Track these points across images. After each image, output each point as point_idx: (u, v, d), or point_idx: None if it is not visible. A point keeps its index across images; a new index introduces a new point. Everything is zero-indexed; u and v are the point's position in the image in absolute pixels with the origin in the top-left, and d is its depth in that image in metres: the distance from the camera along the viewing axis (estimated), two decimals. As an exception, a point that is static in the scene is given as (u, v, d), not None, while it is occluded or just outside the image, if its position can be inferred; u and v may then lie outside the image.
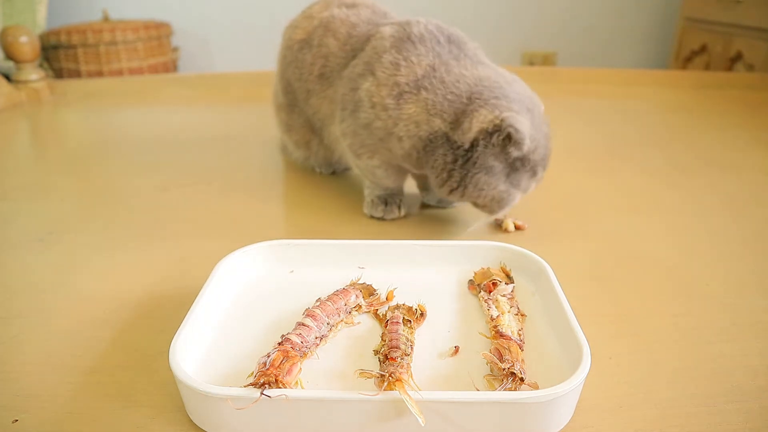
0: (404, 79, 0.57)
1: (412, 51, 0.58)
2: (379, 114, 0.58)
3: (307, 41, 0.69)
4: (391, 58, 0.58)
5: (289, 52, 0.72)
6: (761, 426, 0.35)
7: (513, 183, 0.56)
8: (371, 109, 0.58)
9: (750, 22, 1.64)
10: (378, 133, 0.59)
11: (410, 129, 0.56)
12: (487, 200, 0.56)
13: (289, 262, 0.50)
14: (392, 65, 0.58)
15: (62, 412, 0.36)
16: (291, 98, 0.73)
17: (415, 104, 0.56)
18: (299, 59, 0.70)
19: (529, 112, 0.55)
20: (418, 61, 0.57)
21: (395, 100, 0.57)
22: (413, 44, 0.58)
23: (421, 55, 0.58)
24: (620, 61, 2.34)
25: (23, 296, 0.50)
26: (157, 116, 1.21)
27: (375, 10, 0.70)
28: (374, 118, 0.58)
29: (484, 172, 0.55)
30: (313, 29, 0.69)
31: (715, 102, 1.24)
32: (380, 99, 0.57)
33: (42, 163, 0.91)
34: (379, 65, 0.58)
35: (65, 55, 1.89)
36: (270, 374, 0.33)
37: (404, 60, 0.58)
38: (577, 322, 0.38)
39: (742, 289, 0.51)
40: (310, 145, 0.76)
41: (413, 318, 0.42)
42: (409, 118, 0.56)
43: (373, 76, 0.59)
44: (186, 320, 0.38)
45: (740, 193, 0.73)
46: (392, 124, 0.57)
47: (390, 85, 0.57)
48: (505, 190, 0.56)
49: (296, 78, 0.71)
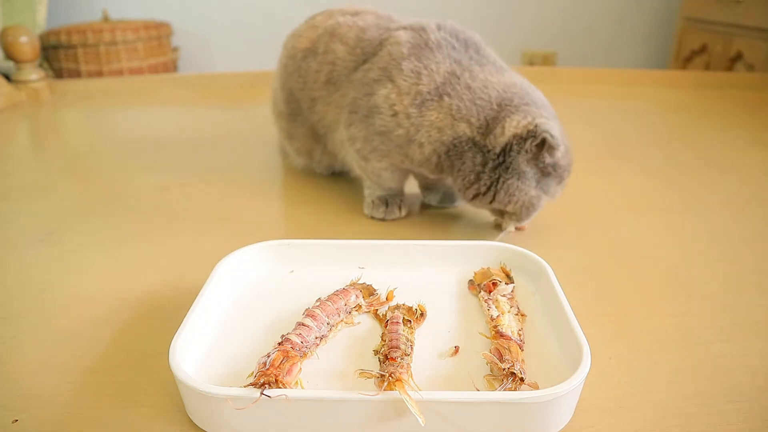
0: (425, 87, 0.57)
1: (432, 59, 0.58)
2: (402, 122, 0.58)
3: (312, 49, 0.69)
4: (411, 66, 0.58)
5: (291, 61, 0.71)
6: (761, 426, 0.35)
7: (543, 189, 0.56)
8: (392, 117, 0.58)
9: (750, 22, 1.64)
10: (397, 140, 0.59)
11: (432, 135, 0.57)
12: (518, 206, 0.56)
13: (289, 262, 0.50)
14: (413, 73, 0.58)
15: (62, 412, 0.36)
16: (293, 107, 0.73)
17: (438, 111, 0.56)
18: (303, 68, 0.69)
19: (555, 118, 0.56)
20: (437, 68, 0.58)
21: (418, 108, 0.57)
22: (431, 51, 0.59)
23: (440, 62, 0.58)
24: (620, 61, 2.34)
25: (23, 296, 0.50)
26: (157, 116, 1.21)
27: (379, 15, 0.70)
28: (395, 126, 0.58)
29: (516, 177, 0.55)
30: (317, 37, 0.69)
31: (715, 102, 1.24)
32: (403, 108, 0.57)
33: (42, 163, 0.91)
34: (399, 72, 0.58)
35: (65, 55, 1.89)
36: (270, 374, 0.33)
37: (425, 68, 0.58)
38: (577, 322, 0.38)
39: (742, 289, 0.51)
40: (313, 153, 0.75)
41: (413, 318, 0.42)
42: (431, 124, 0.56)
43: (393, 83, 0.58)
44: (186, 320, 0.38)
45: (740, 193, 0.73)
46: (414, 131, 0.57)
47: (413, 94, 0.57)
48: (535, 196, 0.56)
49: (299, 87, 0.70)
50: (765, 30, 1.58)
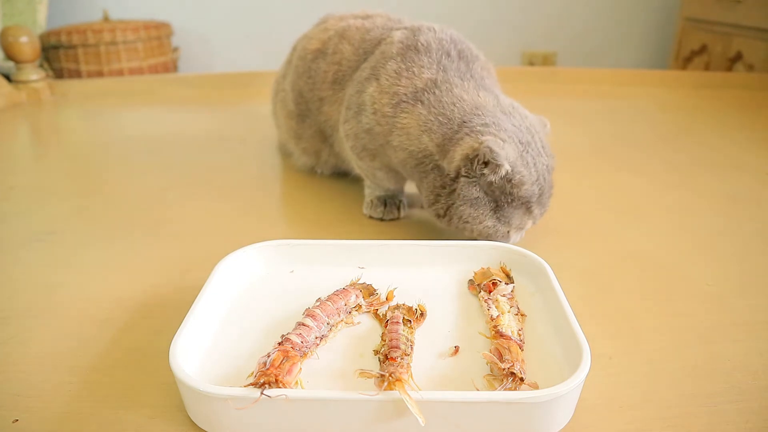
0: (404, 89, 0.57)
1: (416, 61, 0.58)
2: (379, 120, 0.58)
3: (322, 50, 0.69)
4: (395, 66, 0.58)
5: (302, 62, 0.72)
6: (761, 426, 0.35)
7: (501, 219, 0.53)
8: (373, 115, 0.59)
9: (750, 22, 1.64)
10: (378, 139, 0.59)
11: (402, 140, 0.56)
12: (474, 234, 0.54)
13: (289, 262, 0.50)
14: (395, 74, 0.58)
15: (62, 412, 0.36)
16: (302, 108, 0.73)
17: (410, 116, 0.56)
18: (313, 69, 0.70)
19: (522, 144, 0.52)
20: (419, 72, 0.57)
21: (393, 109, 0.57)
22: (418, 53, 0.58)
23: (424, 66, 0.57)
24: (620, 61, 2.34)
25: (23, 296, 0.50)
26: (157, 116, 1.21)
27: (390, 17, 0.70)
28: (375, 124, 0.59)
29: (468, 204, 0.52)
30: (328, 38, 0.69)
31: (714, 102, 1.24)
32: (381, 106, 0.58)
33: (42, 163, 0.91)
34: (384, 71, 0.59)
35: (65, 55, 1.89)
36: (270, 374, 0.33)
37: (407, 70, 0.57)
38: (577, 322, 0.38)
39: (742, 289, 0.51)
40: (320, 154, 0.76)
41: (413, 318, 0.42)
42: (403, 128, 0.56)
43: (377, 82, 0.59)
44: (186, 320, 0.38)
45: (740, 193, 0.73)
46: (388, 131, 0.57)
47: (390, 94, 0.57)
48: (491, 226, 0.53)
49: (309, 88, 0.70)
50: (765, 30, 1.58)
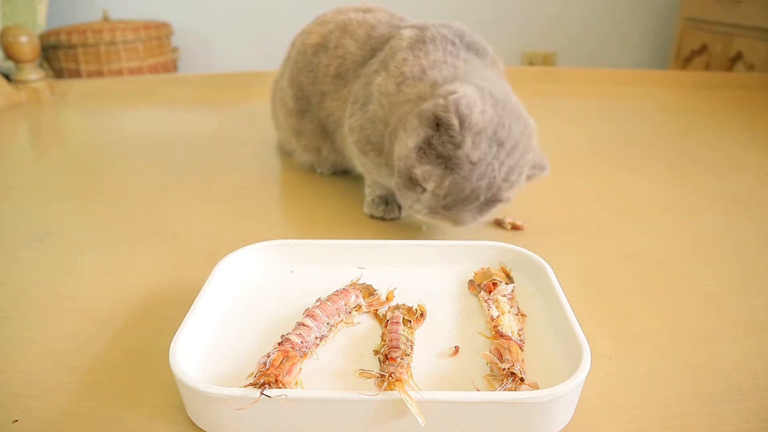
0: (409, 69, 0.58)
1: (423, 50, 0.60)
2: (383, 102, 0.59)
3: (323, 44, 0.69)
4: (404, 55, 0.60)
5: (302, 57, 0.72)
6: (761, 426, 0.35)
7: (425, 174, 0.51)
8: (377, 101, 0.59)
9: (750, 22, 1.64)
10: (380, 127, 0.59)
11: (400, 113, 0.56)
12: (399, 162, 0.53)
13: (289, 262, 0.50)
14: (403, 60, 0.59)
15: (62, 412, 0.36)
16: (303, 103, 0.73)
17: (412, 89, 0.57)
18: (314, 63, 0.70)
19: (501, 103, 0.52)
20: (426, 56, 0.59)
21: (397, 86, 0.58)
22: (425, 44, 0.60)
23: (430, 53, 0.59)
24: (620, 61, 2.34)
25: (23, 296, 0.50)
26: (157, 116, 1.21)
27: (392, 14, 0.71)
28: (378, 107, 0.59)
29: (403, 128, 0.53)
30: (328, 32, 0.69)
31: (714, 102, 1.24)
32: (386, 88, 0.59)
33: (42, 163, 0.91)
34: (393, 62, 0.60)
35: (65, 55, 1.89)
36: (270, 374, 0.33)
37: (413, 57, 0.59)
38: (577, 322, 0.38)
39: (742, 289, 0.51)
40: (321, 150, 0.76)
41: (413, 318, 0.42)
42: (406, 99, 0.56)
43: (386, 71, 0.60)
44: (186, 320, 0.38)
45: (740, 193, 0.73)
46: (389, 112, 0.58)
47: (396, 75, 0.58)
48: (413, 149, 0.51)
49: (310, 82, 0.70)
50: (765, 30, 1.58)
